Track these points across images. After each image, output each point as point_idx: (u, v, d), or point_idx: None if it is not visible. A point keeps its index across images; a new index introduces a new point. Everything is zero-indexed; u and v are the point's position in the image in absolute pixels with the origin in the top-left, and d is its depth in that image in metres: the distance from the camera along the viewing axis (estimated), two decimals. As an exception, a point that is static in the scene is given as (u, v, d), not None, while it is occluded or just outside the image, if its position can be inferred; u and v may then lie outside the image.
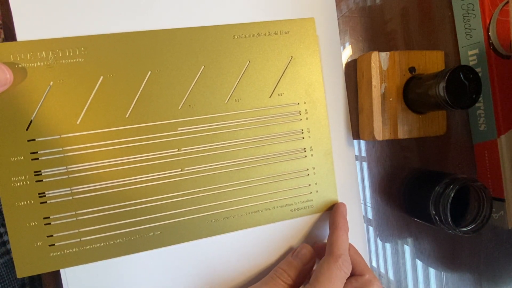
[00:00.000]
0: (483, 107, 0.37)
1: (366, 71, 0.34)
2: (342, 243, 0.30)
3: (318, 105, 0.34)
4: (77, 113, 0.29)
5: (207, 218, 0.32)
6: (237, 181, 0.32)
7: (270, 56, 0.33)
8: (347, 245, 0.30)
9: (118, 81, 0.30)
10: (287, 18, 0.33)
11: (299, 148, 0.34)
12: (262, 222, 0.33)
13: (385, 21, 0.38)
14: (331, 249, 0.29)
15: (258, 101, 0.33)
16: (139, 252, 0.31)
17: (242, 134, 0.32)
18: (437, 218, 0.33)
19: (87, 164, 0.29)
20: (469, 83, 0.30)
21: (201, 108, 0.32)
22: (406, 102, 0.35)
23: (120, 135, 0.30)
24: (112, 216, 0.30)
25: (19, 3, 0.28)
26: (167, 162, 0.31)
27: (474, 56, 0.37)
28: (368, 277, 0.30)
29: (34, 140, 0.29)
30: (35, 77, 0.28)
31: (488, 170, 0.38)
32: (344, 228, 0.31)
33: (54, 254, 0.29)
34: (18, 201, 0.28)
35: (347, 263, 0.28)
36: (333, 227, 0.32)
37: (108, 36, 0.30)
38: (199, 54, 0.31)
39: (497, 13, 0.35)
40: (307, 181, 0.34)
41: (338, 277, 0.27)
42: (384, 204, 0.38)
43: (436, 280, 0.40)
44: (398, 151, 0.38)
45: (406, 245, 0.39)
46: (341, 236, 0.30)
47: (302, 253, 0.31)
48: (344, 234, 0.31)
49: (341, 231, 0.31)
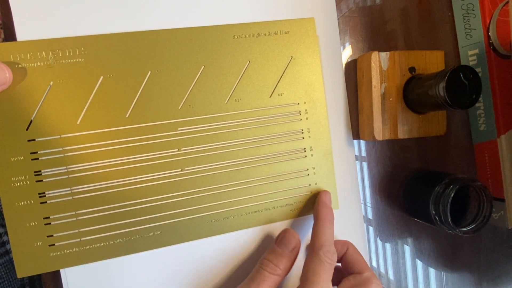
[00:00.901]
0: (483, 107, 0.37)
1: (366, 71, 0.34)
2: (323, 234, 0.29)
3: (318, 105, 0.34)
4: (77, 113, 0.29)
5: (207, 218, 0.32)
6: (237, 181, 0.32)
7: (270, 56, 0.33)
8: (329, 235, 0.29)
9: (118, 81, 0.30)
10: (287, 18, 0.33)
11: (299, 148, 0.34)
12: (262, 222, 0.33)
13: (385, 21, 0.38)
14: (312, 242, 0.29)
15: (258, 101, 0.33)
16: (139, 252, 0.31)
17: (242, 134, 0.32)
18: (437, 218, 0.33)
19: (87, 164, 0.29)
20: (469, 83, 0.30)
21: (201, 108, 0.32)
22: (406, 102, 0.35)
23: (120, 135, 0.30)
24: (112, 216, 0.30)
25: (19, 3, 0.28)
26: (167, 162, 0.31)
27: (474, 56, 0.37)
28: (367, 275, 0.30)
29: (34, 140, 0.29)
30: (35, 77, 0.28)
31: (488, 170, 0.38)
32: (326, 218, 0.31)
33: (54, 254, 0.29)
34: (18, 201, 0.28)
35: (329, 252, 0.28)
36: (314, 218, 0.31)
37: (108, 36, 0.30)
38: (199, 54, 0.31)
39: (497, 13, 0.35)
40: (307, 181, 0.34)
41: (322, 269, 0.27)
42: (384, 204, 0.38)
43: (436, 280, 0.40)
44: (398, 151, 0.38)
45: (406, 245, 0.39)
46: (322, 226, 0.30)
47: (286, 237, 0.30)
48: (325, 224, 0.30)
49: (322, 222, 0.30)
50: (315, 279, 0.26)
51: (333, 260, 0.28)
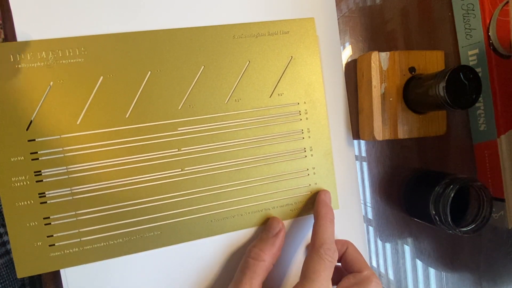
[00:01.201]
0: (483, 107, 0.37)
1: (366, 71, 0.34)
2: (324, 232, 0.29)
3: (318, 105, 0.34)
4: (77, 113, 0.29)
5: (207, 218, 0.32)
6: (237, 181, 0.32)
7: (270, 56, 0.33)
8: (330, 233, 0.30)
9: (118, 81, 0.30)
10: (287, 18, 0.33)
11: (299, 148, 0.34)
12: (262, 222, 0.33)
13: (385, 21, 0.38)
14: (313, 240, 0.29)
15: (258, 101, 0.33)
16: (139, 252, 0.31)
17: (242, 134, 0.32)
18: (437, 218, 0.33)
19: (87, 164, 0.29)
20: (469, 83, 0.30)
21: (201, 108, 0.32)
22: (406, 102, 0.35)
23: (120, 135, 0.30)
24: (112, 216, 0.30)
25: (19, 3, 0.28)
26: (167, 162, 0.31)
27: (474, 56, 0.37)
28: (366, 274, 0.30)
29: (34, 140, 0.29)
30: (35, 77, 0.28)
31: (488, 170, 0.38)
32: (326, 217, 0.31)
33: (54, 254, 0.29)
34: (18, 201, 0.28)
35: (330, 251, 0.28)
36: (315, 217, 0.31)
37: (108, 36, 0.30)
38: (199, 54, 0.31)
39: (497, 13, 0.35)
40: (307, 181, 0.34)
41: (323, 267, 0.27)
42: (384, 204, 0.38)
43: (436, 280, 0.40)
44: (398, 151, 0.38)
45: (406, 245, 0.39)
46: (322, 225, 0.30)
47: (269, 223, 0.32)
48: (326, 222, 0.30)
49: (322, 220, 0.30)
50: (314, 276, 0.26)
51: (333, 258, 0.28)
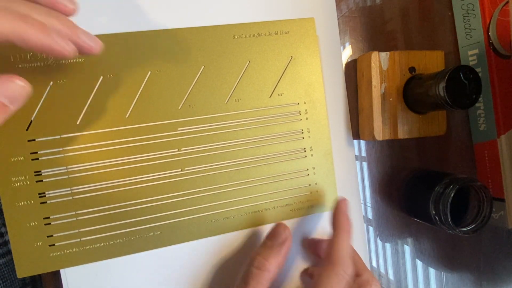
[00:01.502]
0: (483, 107, 0.37)
1: (366, 71, 0.34)
2: (343, 247, 0.28)
3: (318, 105, 0.34)
4: (77, 113, 0.29)
5: (207, 218, 0.32)
6: (237, 181, 0.32)
7: (270, 56, 0.33)
8: (348, 248, 0.28)
9: (118, 81, 0.30)
10: (287, 18, 0.33)
11: (299, 148, 0.34)
12: (262, 222, 0.33)
13: (385, 21, 0.38)
14: (330, 254, 0.28)
15: (258, 101, 0.33)
16: (139, 252, 0.31)
17: (242, 134, 0.32)
18: (437, 218, 0.33)
19: (87, 164, 0.29)
20: (469, 83, 0.30)
21: (201, 108, 0.32)
22: (406, 102, 0.35)
23: (120, 135, 0.30)
24: (112, 216, 0.30)
25: (19, 3, 0.28)
26: (167, 162, 0.31)
27: (474, 56, 0.37)
28: (365, 277, 0.29)
29: (34, 140, 0.29)
30: (35, 77, 0.28)
31: (488, 170, 0.38)
32: (346, 229, 0.29)
33: (54, 254, 0.29)
34: (18, 201, 0.28)
35: (347, 267, 0.27)
36: (334, 228, 0.30)
37: (108, 36, 0.30)
38: (199, 54, 0.31)
39: (497, 13, 0.35)
40: (307, 181, 0.34)
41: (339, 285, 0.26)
42: (384, 204, 0.38)
43: (436, 280, 0.40)
44: (398, 151, 0.38)
45: (406, 245, 0.39)
46: (341, 238, 0.29)
47: (276, 230, 0.30)
48: (345, 235, 0.29)
49: (342, 233, 0.29)
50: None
51: (350, 276, 0.27)
